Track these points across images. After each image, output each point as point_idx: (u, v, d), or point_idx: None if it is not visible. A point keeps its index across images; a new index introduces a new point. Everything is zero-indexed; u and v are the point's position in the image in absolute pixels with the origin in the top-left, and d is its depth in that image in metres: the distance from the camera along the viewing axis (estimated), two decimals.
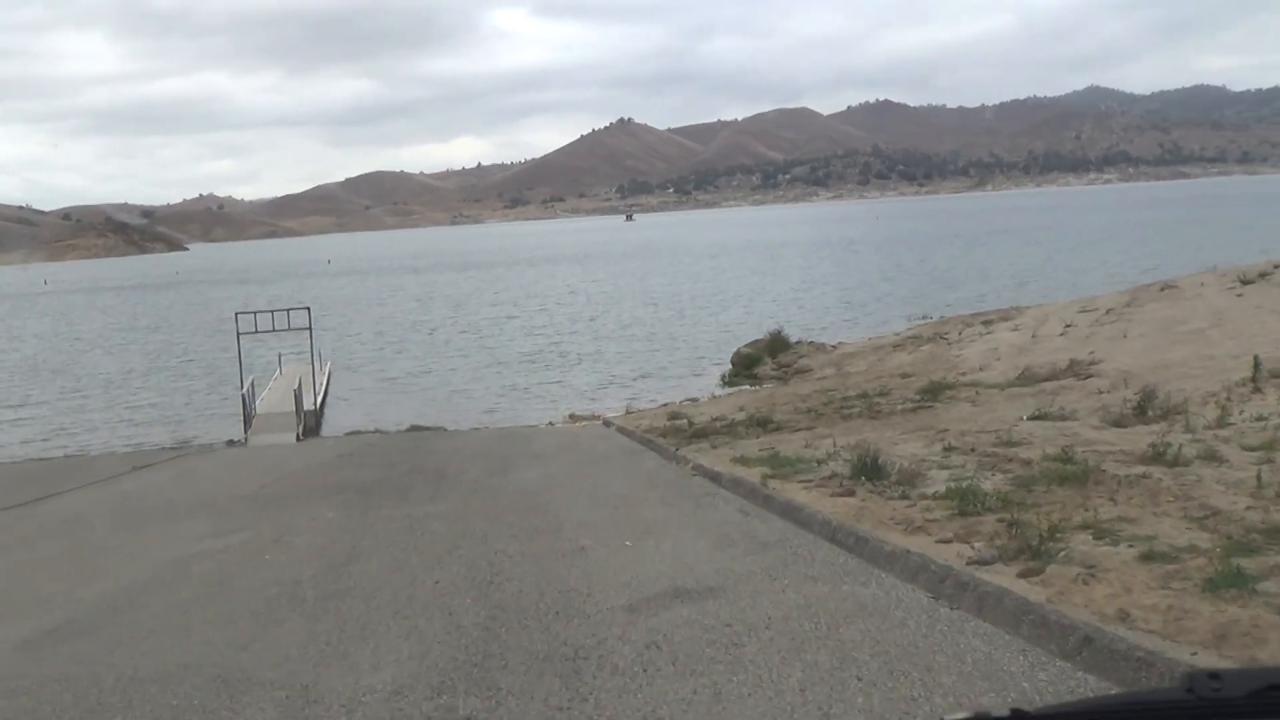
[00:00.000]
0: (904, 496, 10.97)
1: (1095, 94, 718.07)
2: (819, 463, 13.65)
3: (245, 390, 27.64)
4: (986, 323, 35.07)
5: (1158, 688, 3.09)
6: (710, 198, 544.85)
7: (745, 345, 36.81)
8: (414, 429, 27.79)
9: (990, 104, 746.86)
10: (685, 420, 21.58)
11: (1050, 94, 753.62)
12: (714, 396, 30.01)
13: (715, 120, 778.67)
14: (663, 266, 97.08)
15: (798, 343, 36.55)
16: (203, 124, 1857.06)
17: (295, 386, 27.81)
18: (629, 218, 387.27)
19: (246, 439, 26.41)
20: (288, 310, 29.35)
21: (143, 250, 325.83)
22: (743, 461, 14.52)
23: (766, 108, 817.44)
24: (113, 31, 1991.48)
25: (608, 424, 25.24)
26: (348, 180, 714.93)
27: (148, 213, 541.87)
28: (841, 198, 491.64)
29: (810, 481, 12.42)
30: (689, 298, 61.68)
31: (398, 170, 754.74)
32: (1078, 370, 22.43)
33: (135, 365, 47.05)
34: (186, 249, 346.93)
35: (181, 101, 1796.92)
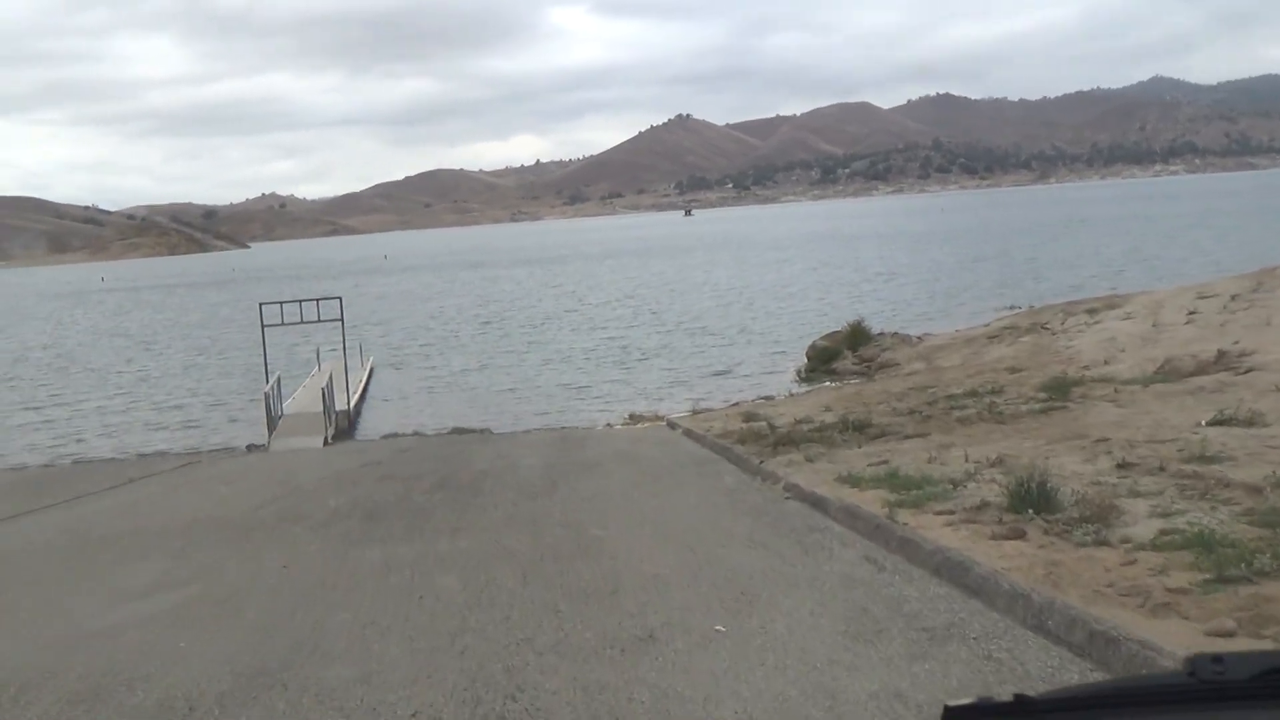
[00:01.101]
0: (1102, 542, 7.77)
1: (1159, 84, 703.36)
2: (955, 484, 10.50)
3: (268, 389, 24.85)
4: (1091, 311, 31.77)
5: (1160, 672, 2.64)
6: (769, 193, 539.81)
7: (822, 338, 33.56)
8: (456, 431, 24.89)
9: (1052, 96, 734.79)
10: (764, 423, 18.55)
11: (1113, 85, 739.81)
12: (791, 395, 26.81)
13: (774, 115, 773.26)
14: (727, 259, 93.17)
15: (880, 334, 33.28)
16: (265, 124, 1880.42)
17: (325, 384, 24.98)
18: (687, 213, 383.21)
19: (269, 443, 23.63)
20: (316, 300, 26.53)
21: (204, 249, 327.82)
22: (851, 481, 11.38)
23: (825, 102, 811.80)
24: (178, 34, 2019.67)
25: (673, 426, 22.31)
26: (408, 179, 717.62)
27: (210, 212, 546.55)
28: (901, 192, 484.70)
29: (953, 514, 9.29)
30: (757, 290, 58.05)
31: (457, 168, 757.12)
32: (1230, 363, 19.14)
33: (174, 363, 44.60)
34: (248, 247, 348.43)
35: (245, 102, 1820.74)
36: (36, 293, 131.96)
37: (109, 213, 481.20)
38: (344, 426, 26.37)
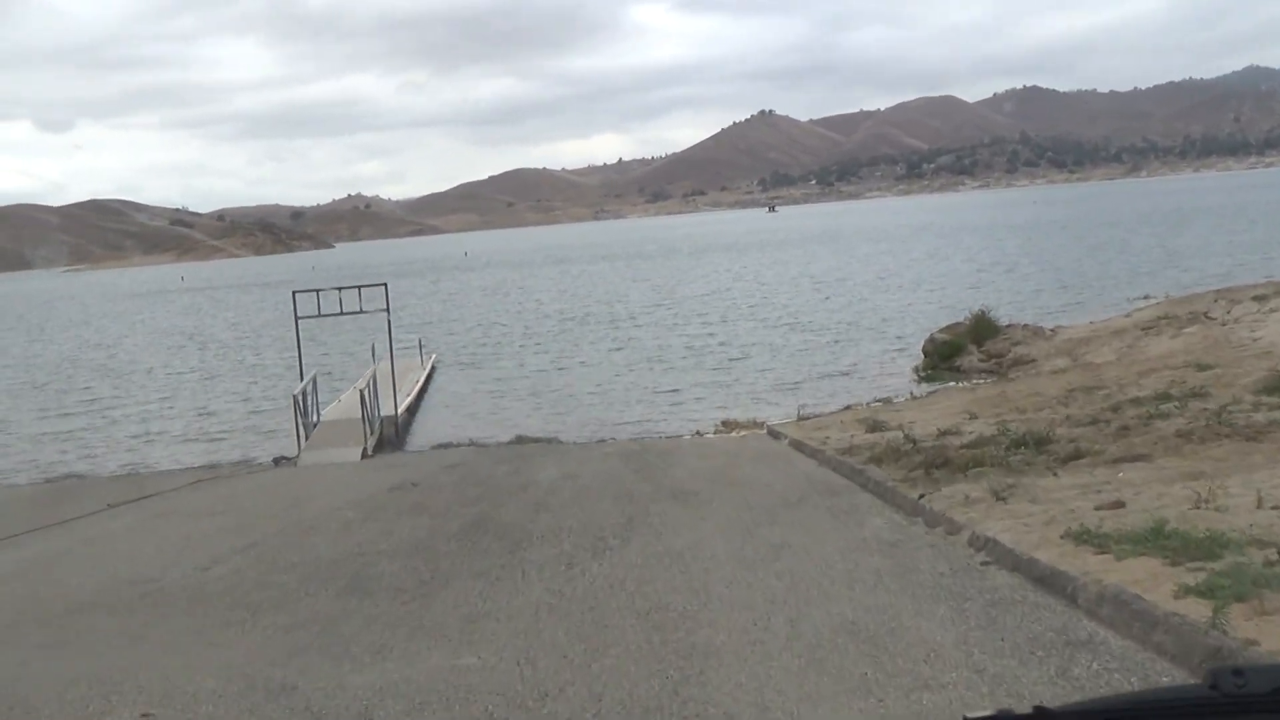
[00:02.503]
0: None
1: (1254, 74, 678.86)
2: None
3: (298, 392, 21.27)
4: (1259, 299, 27.38)
5: (1182, 685, 2.33)
6: (853, 189, 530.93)
7: (940, 331, 29.28)
8: (519, 441, 21.10)
9: (1143, 87, 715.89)
10: (900, 433, 14.59)
11: (1206, 75, 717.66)
12: (914, 397, 22.70)
13: (858, 110, 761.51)
14: (823, 253, 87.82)
15: (1008, 327, 28.90)
16: (350, 126, 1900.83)
17: (364, 386, 21.35)
18: (771, 209, 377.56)
19: (298, 456, 20.05)
20: (358, 287, 22.87)
21: (289, 249, 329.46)
22: (1084, 537, 7.35)
23: (910, 97, 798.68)
24: (264, 37, 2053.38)
25: (776, 435, 18.47)
26: (491, 178, 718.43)
27: (297, 213, 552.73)
28: (988, 186, 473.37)
29: None
30: (859, 283, 53.24)
31: (540, 167, 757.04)
32: None
33: (226, 365, 41.43)
34: (333, 247, 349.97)
35: (330, 104, 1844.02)
36: (116, 292, 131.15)
37: (198, 215, 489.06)
38: (390, 435, 22.74)
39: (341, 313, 22.92)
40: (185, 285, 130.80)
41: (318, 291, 22.73)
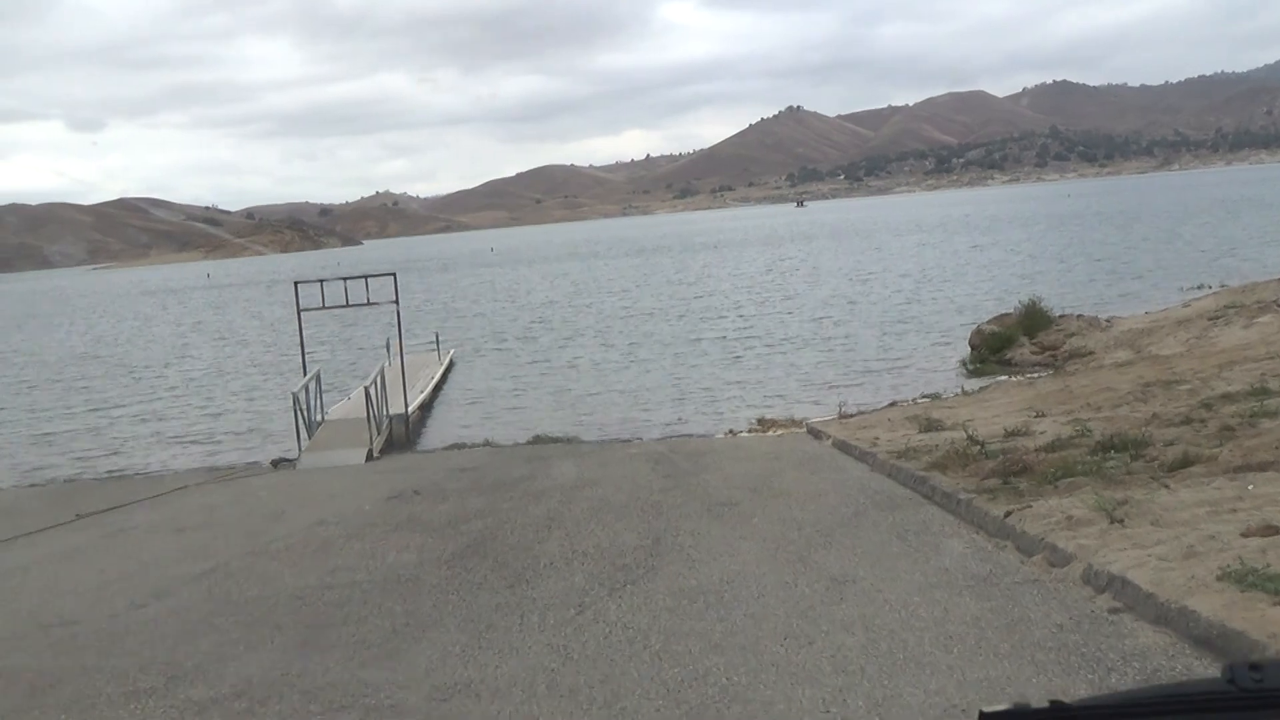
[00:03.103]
0: None
1: None
2: None
3: (298, 389, 19.68)
4: None
5: (1198, 679, 2.24)
6: (882, 184, 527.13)
7: (989, 322, 27.43)
8: (538, 441, 19.42)
9: (1174, 81, 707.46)
10: (961, 434, 12.85)
11: (1238, 69, 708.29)
12: (964, 392, 20.86)
13: (886, 106, 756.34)
14: (857, 245, 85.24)
15: (1061, 317, 27.06)
16: (380, 124, 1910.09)
17: (370, 383, 19.73)
18: (800, 204, 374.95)
19: (299, 458, 18.47)
20: (365, 277, 21.20)
21: (317, 246, 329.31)
22: (1254, 580, 5.59)
23: (938, 91, 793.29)
24: (295, 37, 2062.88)
25: (817, 435, 16.79)
26: (519, 175, 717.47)
27: (326, 211, 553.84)
28: (1018, 181, 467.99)
29: None
30: (896, 274, 51.22)
31: (568, 164, 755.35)
32: None
33: (239, 361, 39.96)
34: (360, 244, 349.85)
35: (359, 103, 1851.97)
36: (142, 289, 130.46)
37: (228, 213, 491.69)
38: (400, 435, 21.13)
39: (347, 304, 21.32)
40: (210, 282, 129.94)
41: (321, 282, 21.16)
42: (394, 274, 21.49)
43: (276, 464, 18.60)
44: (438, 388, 27.72)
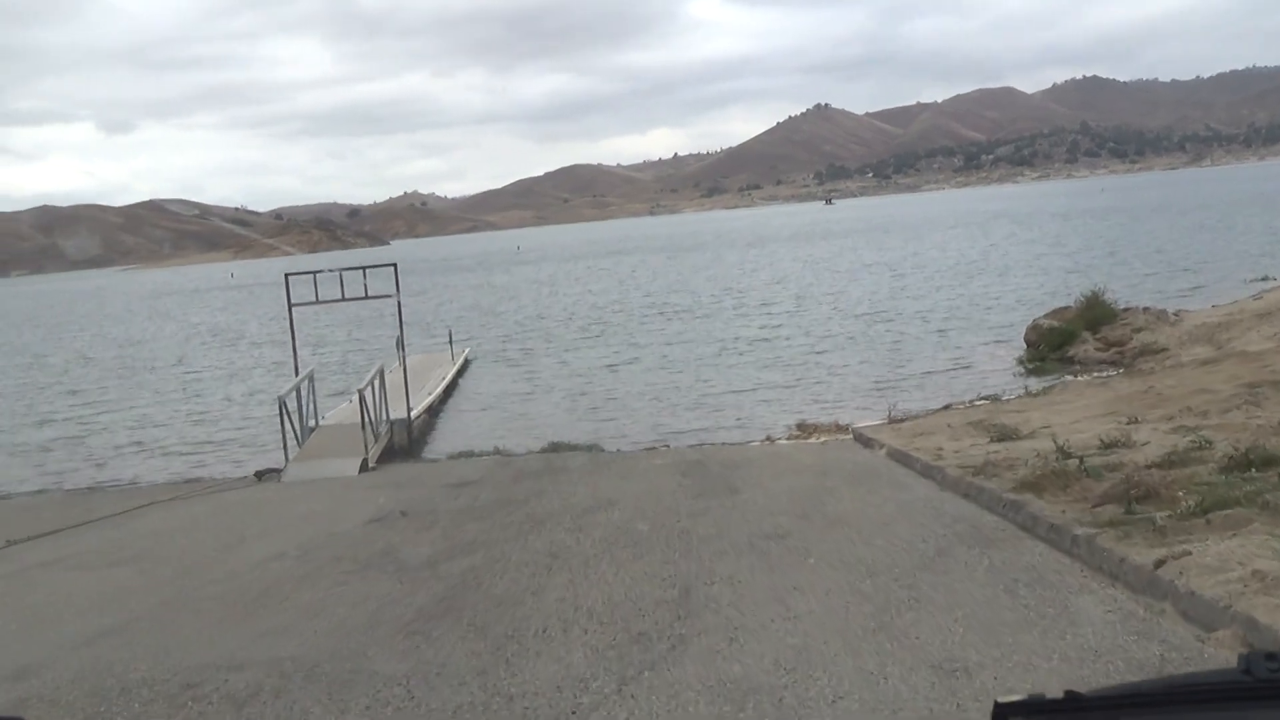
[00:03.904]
0: None
1: None
2: None
3: (284, 394, 17.72)
4: None
5: (1214, 669, 1.84)
6: (910, 181, 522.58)
7: (1046, 316, 25.25)
8: (553, 449, 17.39)
9: (1205, 76, 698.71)
10: (1052, 446, 10.85)
11: (1271, 63, 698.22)
12: (1029, 393, 18.76)
13: (914, 103, 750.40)
14: (895, 241, 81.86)
15: (1126, 310, 24.83)
16: (409, 124, 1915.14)
17: (366, 386, 17.74)
18: (828, 202, 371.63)
19: (285, 468, 16.52)
20: (362, 268, 19.22)
21: (345, 246, 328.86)
22: None
23: (967, 88, 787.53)
24: (324, 37, 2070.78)
25: (867, 442, 14.82)
26: (546, 174, 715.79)
27: (354, 211, 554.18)
28: (1048, 177, 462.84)
29: None
30: (939, 270, 48.78)
31: (595, 163, 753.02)
32: None
33: (245, 363, 38.11)
34: (388, 244, 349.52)
35: (389, 103, 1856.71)
36: (166, 289, 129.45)
37: (257, 213, 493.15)
38: (403, 442, 19.18)
39: (343, 299, 19.36)
40: (234, 281, 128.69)
41: (314, 274, 19.18)
42: (394, 265, 19.49)
43: (261, 476, 16.66)
44: (450, 389, 25.76)
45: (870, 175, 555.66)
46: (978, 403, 18.49)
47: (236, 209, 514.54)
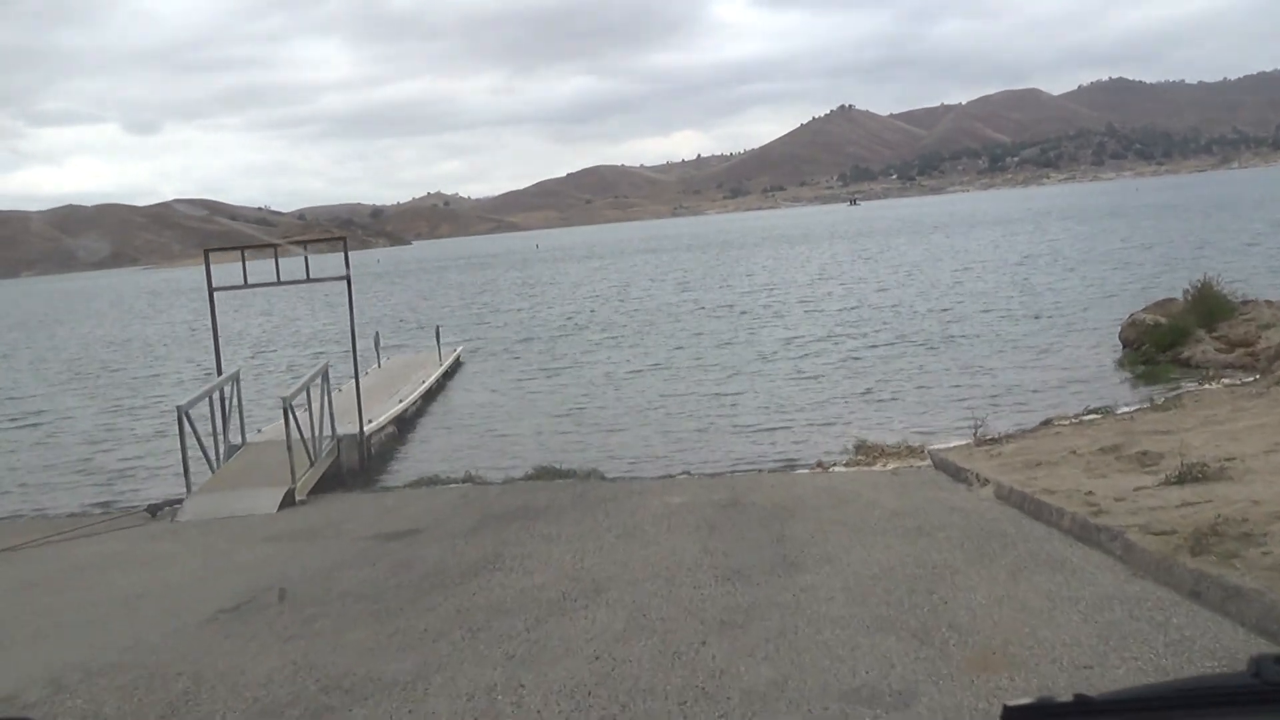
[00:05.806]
0: None
1: None
2: None
3: (193, 402, 13.74)
4: None
5: (1224, 672, 2.22)
6: (935, 183, 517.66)
7: (1146, 310, 21.10)
8: (539, 475, 13.34)
9: (1233, 78, 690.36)
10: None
11: None
12: (1154, 405, 14.62)
13: (939, 104, 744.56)
14: (939, 238, 76.86)
15: (1245, 303, 20.61)
16: (432, 125, 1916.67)
17: (296, 394, 13.77)
18: (853, 203, 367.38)
19: (184, 502, 12.54)
20: (304, 243, 15.37)
21: (366, 246, 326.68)
22: None
23: (992, 90, 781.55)
24: (349, 38, 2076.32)
25: (956, 473, 10.91)
26: (569, 175, 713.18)
27: (377, 212, 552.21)
28: (1074, 179, 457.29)
29: None
30: (999, 266, 44.49)
31: (619, 165, 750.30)
32: None
33: (234, 363, 34.11)
34: (409, 244, 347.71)
35: (414, 104, 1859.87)
36: (176, 289, 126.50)
37: (280, 214, 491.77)
38: (352, 463, 15.17)
39: (279, 282, 15.41)
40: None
41: (242, 249, 15.23)
42: (344, 238, 15.50)
43: (155, 511, 12.69)
44: (432, 394, 21.76)
45: (894, 177, 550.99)
46: (1087, 417, 14.39)
47: (260, 209, 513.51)
